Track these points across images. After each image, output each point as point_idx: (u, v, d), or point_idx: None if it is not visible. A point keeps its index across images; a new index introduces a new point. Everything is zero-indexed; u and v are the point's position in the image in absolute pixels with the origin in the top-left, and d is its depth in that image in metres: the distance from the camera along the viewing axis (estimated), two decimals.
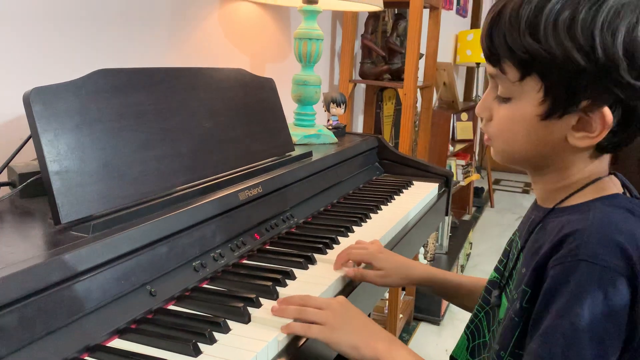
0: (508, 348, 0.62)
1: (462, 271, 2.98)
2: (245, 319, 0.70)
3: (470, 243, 3.27)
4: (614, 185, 0.63)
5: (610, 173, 0.64)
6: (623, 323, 0.54)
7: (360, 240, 0.96)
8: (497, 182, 5.23)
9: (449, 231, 2.82)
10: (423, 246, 2.60)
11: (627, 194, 0.64)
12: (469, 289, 0.89)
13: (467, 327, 0.76)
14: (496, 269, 0.74)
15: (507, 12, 0.58)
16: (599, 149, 0.61)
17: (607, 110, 0.55)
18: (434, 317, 2.46)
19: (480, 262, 3.19)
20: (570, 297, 0.54)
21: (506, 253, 0.74)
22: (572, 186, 0.63)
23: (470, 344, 0.75)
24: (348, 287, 0.88)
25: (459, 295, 0.90)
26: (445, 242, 2.78)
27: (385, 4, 1.69)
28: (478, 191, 4.42)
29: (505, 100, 0.62)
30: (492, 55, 0.60)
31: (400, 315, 2.25)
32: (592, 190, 0.62)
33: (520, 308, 0.60)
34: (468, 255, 3.20)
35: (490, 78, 0.65)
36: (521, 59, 0.57)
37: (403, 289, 2.37)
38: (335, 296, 0.78)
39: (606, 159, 0.63)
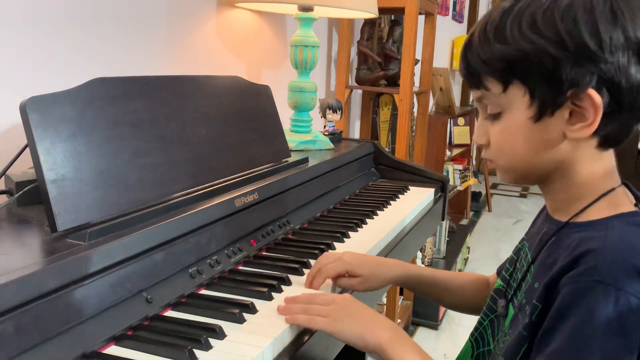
0: None
1: None
2: (241, 324, 0.71)
3: (468, 247, 3.28)
4: (627, 198, 0.62)
5: (622, 183, 0.63)
6: (636, 346, 0.53)
7: (328, 253, 0.89)
8: (494, 186, 5.25)
9: (446, 236, 2.82)
10: (420, 251, 2.61)
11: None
12: (444, 284, 0.89)
13: (472, 334, 0.76)
14: (502, 278, 0.74)
15: (475, 35, 0.61)
16: (602, 144, 0.60)
17: (592, 92, 0.55)
18: (432, 321, 2.47)
19: (478, 266, 3.19)
20: (582, 318, 0.53)
21: (513, 262, 0.73)
22: (584, 196, 0.61)
23: (474, 351, 0.75)
24: (344, 293, 0.88)
25: (435, 291, 0.89)
26: (443, 247, 2.79)
27: (381, 11, 1.71)
28: (476, 195, 4.43)
29: (497, 116, 0.63)
30: (473, 78, 0.62)
31: (399, 320, 2.25)
32: (606, 203, 0.61)
33: (529, 322, 0.60)
34: (466, 259, 3.20)
35: (478, 104, 0.66)
36: (499, 69, 0.59)
37: (401, 294, 2.38)
38: None
39: (613, 163, 0.63)
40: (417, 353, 0.65)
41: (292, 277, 0.86)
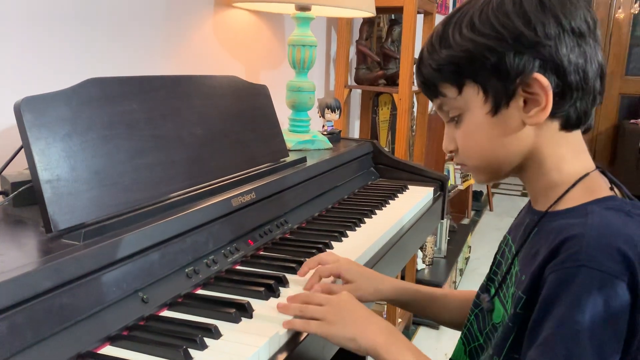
0: (502, 354, 0.62)
1: (461, 275, 2.97)
2: (237, 324, 0.71)
3: (469, 247, 3.27)
4: (602, 182, 0.64)
5: (596, 168, 0.65)
6: (623, 328, 0.54)
7: (330, 252, 0.91)
8: (495, 185, 5.24)
9: (447, 235, 2.82)
10: (421, 250, 2.60)
11: (616, 190, 0.65)
12: (442, 301, 0.88)
13: (462, 332, 0.76)
14: (487, 275, 0.75)
15: (424, 49, 0.66)
16: (564, 126, 0.62)
17: (538, 75, 0.59)
18: (433, 322, 2.46)
19: (479, 265, 3.19)
20: (570, 304, 0.53)
21: (497, 257, 0.74)
22: (560, 183, 0.63)
23: (467, 347, 0.75)
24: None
25: (432, 308, 0.88)
26: (444, 246, 2.78)
27: (379, 10, 1.71)
28: (477, 195, 4.42)
29: (458, 120, 0.66)
30: (429, 88, 0.66)
31: (399, 320, 2.25)
32: (583, 189, 0.62)
33: (514, 314, 0.60)
34: (467, 259, 3.20)
35: (440, 113, 0.69)
36: (450, 73, 0.63)
37: None
38: None
39: (583, 148, 0.65)
40: (412, 354, 0.65)
41: (289, 277, 0.86)
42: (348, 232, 1.09)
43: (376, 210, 1.25)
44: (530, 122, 0.61)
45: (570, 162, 0.63)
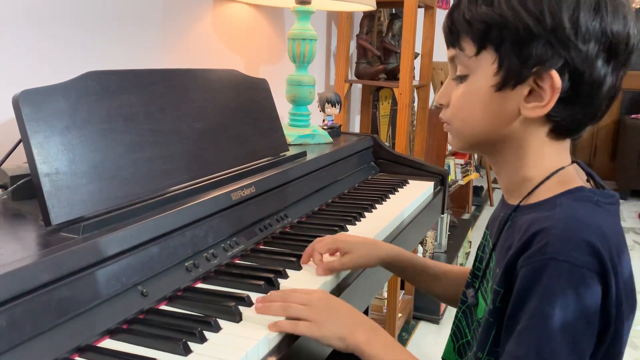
0: (485, 348, 0.62)
1: None
2: (237, 318, 0.70)
3: (470, 242, 3.27)
4: (577, 175, 0.63)
5: (573, 162, 0.64)
6: (596, 320, 0.54)
7: (320, 238, 0.92)
8: (496, 180, 5.23)
9: (448, 230, 2.82)
10: (422, 244, 2.60)
11: (592, 183, 0.65)
12: (433, 272, 0.90)
13: (452, 328, 0.77)
14: (471, 271, 0.75)
15: None
16: (553, 130, 0.61)
17: (554, 73, 0.57)
18: (433, 315, 2.46)
19: None
20: (541, 297, 0.54)
21: (479, 253, 0.74)
22: (534, 177, 0.63)
23: (455, 344, 0.76)
24: (340, 287, 0.88)
25: (424, 278, 0.90)
26: (444, 241, 2.78)
27: (380, 4, 1.70)
28: (477, 190, 4.42)
29: (463, 79, 0.64)
30: (452, 35, 0.63)
31: (399, 315, 2.25)
32: (555, 182, 0.62)
33: (493, 308, 0.61)
34: (467, 254, 3.20)
35: (450, 64, 0.67)
36: (478, 31, 0.59)
37: (402, 288, 2.37)
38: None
39: (566, 148, 0.64)
40: (392, 350, 0.66)
41: (289, 271, 0.86)
42: (348, 227, 1.09)
43: (376, 205, 1.25)
44: (525, 114, 0.60)
45: (550, 161, 0.63)
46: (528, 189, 0.63)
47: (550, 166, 0.62)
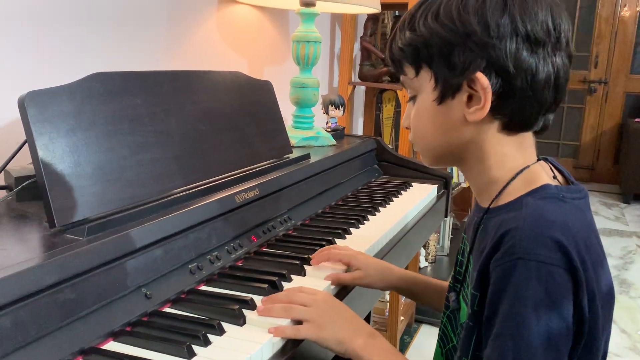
0: (468, 353, 0.62)
1: None
2: (240, 321, 0.70)
3: None
4: (543, 171, 0.64)
5: (540, 159, 0.65)
6: (569, 313, 0.54)
7: (339, 245, 0.95)
8: None
9: (450, 233, 2.81)
10: (424, 248, 2.60)
11: (559, 178, 0.65)
12: (434, 287, 0.90)
13: (439, 333, 0.77)
14: (452, 276, 0.75)
15: (397, 26, 0.67)
16: (506, 127, 0.62)
17: (479, 75, 0.59)
18: (435, 319, 2.46)
19: None
20: (513, 297, 0.54)
21: (459, 258, 0.75)
22: (500, 178, 0.64)
23: (443, 349, 0.76)
24: (343, 291, 0.88)
25: (441, 300, 0.88)
26: (447, 244, 2.78)
27: (384, 6, 1.70)
28: None
29: (413, 99, 0.68)
30: (395, 63, 0.68)
31: (402, 318, 2.25)
32: (521, 182, 0.62)
33: (472, 312, 0.61)
34: None
35: (405, 90, 0.71)
36: (410, 54, 0.64)
37: None
38: None
39: (529, 145, 0.64)
40: (388, 355, 0.67)
41: (292, 274, 0.86)
42: (352, 230, 1.09)
43: (380, 208, 1.25)
44: (469, 118, 0.62)
45: (513, 159, 0.63)
46: (496, 191, 0.64)
47: (514, 165, 0.63)
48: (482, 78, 0.59)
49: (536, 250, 0.54)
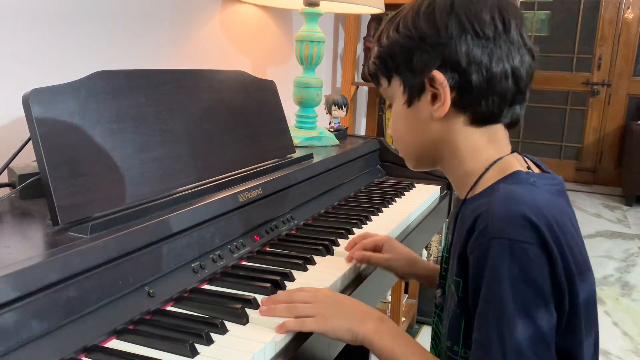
0: (460, 341, 0.64)
1: None
2: (243, 320, 0.70)
3: None
4: (516, 161, 0.67)
5: (513, 152, 0.68)
6: (547, 290, 0.56)
7: (369, 233, 0.99)
8: None
9: None
10: (426, 249, 2.60)
11: (537, 170, 0.68)
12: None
13: (431, 334, 0.78)
14: (439, 273, 0.76)
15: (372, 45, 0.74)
16: (474, 121, 0.66)
17: (436, 72, 0.64)
18: None
19: None
20: (490, 277, 0.57)
21: (444, 254, 0.75)
22: (474, 170, 0.67)
23: (435, 350, 0.76)
24: (347, 290, 0.88)
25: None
26: None
27: (388, 6, 1.70)
28: None
29: (390, 107, 0.72)
30: (373, 77, 0.74)
31: (403, 319, 2.24)
32: (495, 172, 0.65)
33: (458, 299, 0.63)
34: None
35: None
36: (381, 66, 0.70)
37: (406, 292, 2.37)
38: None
39: (501, 138, 0.67)
40: (401, 340, 0.67)
41: (295, 273, 0.86)
42: (354, 230, 1.09)
43: (382, 208, 1.25)
44: (435, 115, 0.66)
45: (486, 151, 0.67)
46: (472, 182, 0.67)
47: (487, 157, 0.66)
48: (438, 75, 0.64)
49: (508, 229, 0.56)
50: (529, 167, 0.67)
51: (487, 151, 0.66)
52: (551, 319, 0.56)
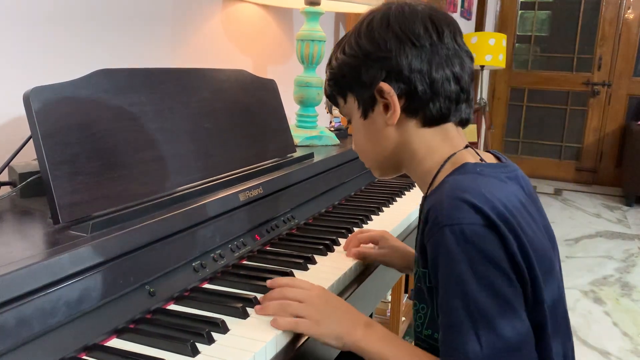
0: (438, 328, 0.65)
1: None
2: (244, 319, 0.70)
3: None
4: (468, 155, 0.71)
5: (467, 147, 0.72)
6: (506, 265, 0.59)
7: (364, 229, 1.02)
8: None
9: None
10: None
11: (494, 160, 0.73)
12: None
13: (414, 329, 0.78)
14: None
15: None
16: (426, 123, 0.71)
17: (382, 84, 0.69)
18: None
19: None
20: (449, 263, 0.60)
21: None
22: (431, 168, 0.71)
23: (420, 340, 0.77)
24: (348, 289, 0.88)
25: None
26: None
27: None
28: None
29: (349, 124, 0.77)
30: (331, 99, 0.79)
31: (403, 318, 2.24)
32: (450, 166, 0.70)
33: (427, 289, 0.67)
34: None
35: None
36: (335, 87, 0.76)
37: (406, 291, 2.36)
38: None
39: (454, 136, 0.72)
40: (389, 341, 0.68)
41: (296, 272, 0.86)
42: (355, 229, 1.09)
43: (383, 208, 1.24)
44: (389, 123, 0.71)
45: (441, 149, 0.71)
46: (430, 180, 0.71)
47: (442, 154, 0.71)
48: (385, 86, 0.69)
49: (457, 214, 0.60)
50: (481, 159, 0.71)
51: (442, 149, 0.71)
52: (515, 290, 0.59)
